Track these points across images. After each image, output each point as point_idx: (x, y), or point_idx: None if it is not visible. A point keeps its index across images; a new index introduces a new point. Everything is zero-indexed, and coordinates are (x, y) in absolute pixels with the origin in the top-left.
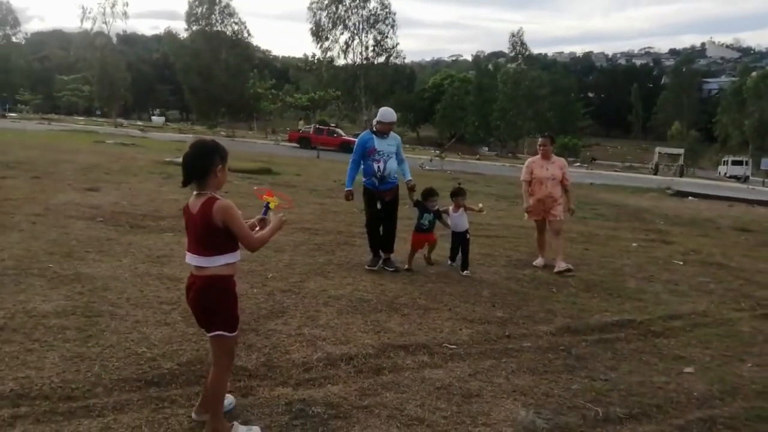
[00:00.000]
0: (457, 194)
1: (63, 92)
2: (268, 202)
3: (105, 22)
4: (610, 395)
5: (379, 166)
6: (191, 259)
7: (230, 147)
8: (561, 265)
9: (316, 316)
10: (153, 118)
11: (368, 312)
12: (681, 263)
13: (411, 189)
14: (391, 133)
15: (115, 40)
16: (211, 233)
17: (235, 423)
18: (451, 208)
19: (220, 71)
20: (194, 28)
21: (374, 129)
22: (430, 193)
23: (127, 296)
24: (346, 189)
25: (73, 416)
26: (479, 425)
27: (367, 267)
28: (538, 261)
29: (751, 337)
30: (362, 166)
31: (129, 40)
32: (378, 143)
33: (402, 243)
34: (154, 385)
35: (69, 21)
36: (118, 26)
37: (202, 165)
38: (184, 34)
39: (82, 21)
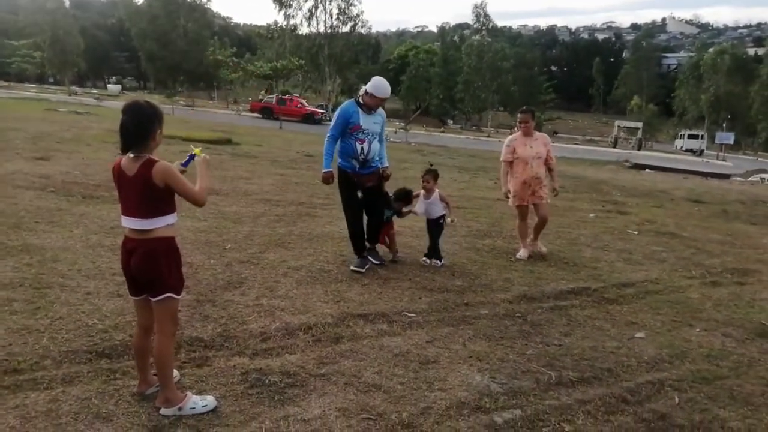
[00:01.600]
0: (429, 176)
1: (13, 59)
2: (193, 153)
3: None
4: (563, 360)
5: (362, 147)
6: (131, 223)
7: (190, 117)
8: (543, 248)
9: (275, 286)
10: (109, 86)
11: (328, 282)
12: (636, 233)
13: (386, 178)
14: (379, 108)
15: (67, 3)
16: (153, 195)
17: (189, 393)
18: (422, 192)
19: (177, 38)
20: None
21: (360, 101)
22: (402, 197)
23: (79, 267)
24: (324, 170)
25: (19, 389)
26: (435, 390)
27: (353, 268)
28: (522, 253)
29: (700, 304)
30: (339, 144)
31: (82, 4)
32: (363, 119)
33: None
34: (105, 357)
35: None
36: None
37: (143, 130)
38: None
39: None
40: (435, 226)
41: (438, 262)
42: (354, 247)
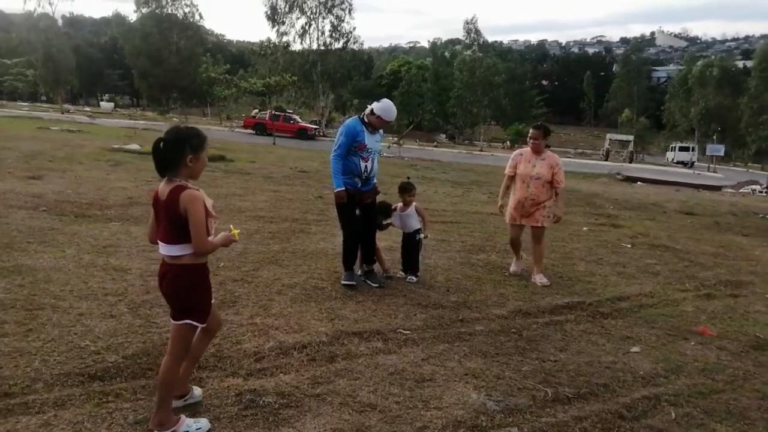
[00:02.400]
0: (405, 190)
1: (5, 77)
2: (231, 233)
3: (50, 3)
4: (559, 376)
5: (366, 166)
6: (162, 248)
7: None
8: (538, 279)
9: (269, 305)
10: (102, 103)
11: (323, 300)
12: (629, 246)
13: (376, 194)
14: (380, 130)
15: (60, 22)
16: (179, 222)
17: (182, 416)
18: (399, 205)
19: (170, 55)
20: (143, 10)
21: (366, 120)
22: (382, 210)
23: (71, 288)
24: (338, 189)
25: (10, 413)
26: (431, 409)
27: (345, 282)
28: (514, 268)
29: (694, 317)
30: (342, 162)
31: (75, 22)
32: (368, 138)
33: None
34: (97, 380)
35: (11, 2)
36: (63, 8)
37: (170, 155)
38: (133, 17)
39: (25, 2)
40: (412, 241)
41: (413, 278)
42: (345, 264)
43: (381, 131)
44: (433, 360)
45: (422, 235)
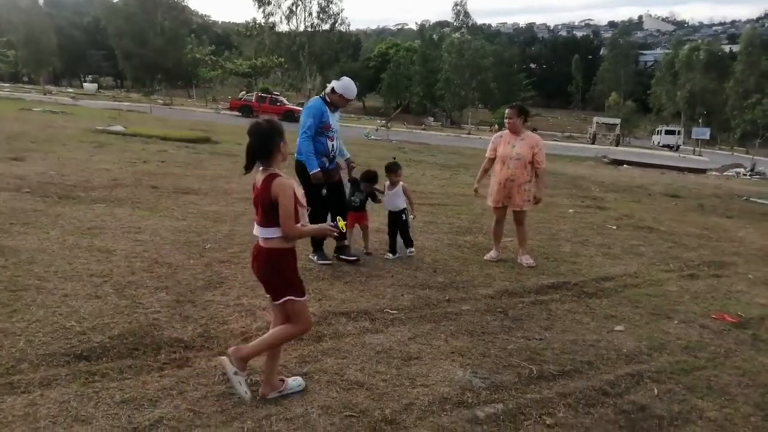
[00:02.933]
0: (391, 170)
1: None
2: (337, 224)
3: None
4: (544, 354)
5: (333, 145)
6: (257, 231)
7: (168, 115)
8: (524, 260)
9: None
10: (85, 84)
11: (310, 280)
12: (614, 228)
13: (352, 167)
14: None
15: (41, 2)
16: (270, 207)
17: (286, 379)
18: (386, 184)
19: (155, 36)
20: None
21: (327, 100)
22: (369, 178)
23: (55, 269)
24: (314, 171)
25: None
26: (418, 386)
27: (321, 262)
28: (491, 254)
29: (678, 296)
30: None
31: (57, 3)
32: (331, 118)
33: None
34: (83, 360)
35: None
36: None
37: (266, 148)
38: None
39: None
40: (398, 219)
41: (412, 250)
42: (315, 245)
43: (338, 113)
44: (419, 339)
45: (411, 216)
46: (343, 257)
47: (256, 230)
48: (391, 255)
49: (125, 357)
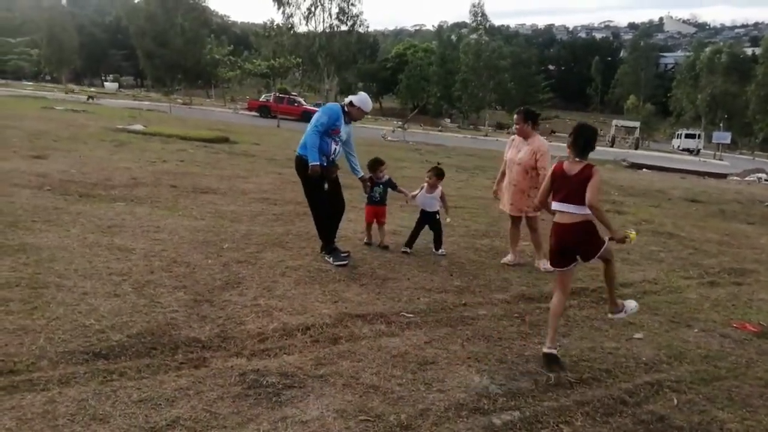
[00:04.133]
0: (440, 175)
1: (9, 56)
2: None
3: None
4: (561, 360)
5: (336, 149)
6: (569, 208)
7: (187, 115)
8: (541, 265)
9: (273, 286)
10: (106, 83)
11: (326, 282)
12: (634, 233)
13: (365, 182)
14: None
15: (64, 1)
16: (583, 190)
17: (622, 301)
18: (425, 186)
19: (175, 36)
20: None
21: (345, 110)
22: (376, 163)
23: (75, 267)
24: (314, 163)
25: (15, 390)
26: (434, 392)
27: (338, 264)
28: (508, 258)
29: (698, 304)
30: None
31: (80, 2)
32: (343, 127)
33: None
34: (102, 358)
35: None
36: None
37: (589, 144)
38: None
39: None
40: (430, 220)
41: (443, 251)
42: (327, 244)
43: (352, 126)
44: (435, 343)
45: (447, 219)
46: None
47: (569, 207)
48: (408, 249)
49: (143, 356)
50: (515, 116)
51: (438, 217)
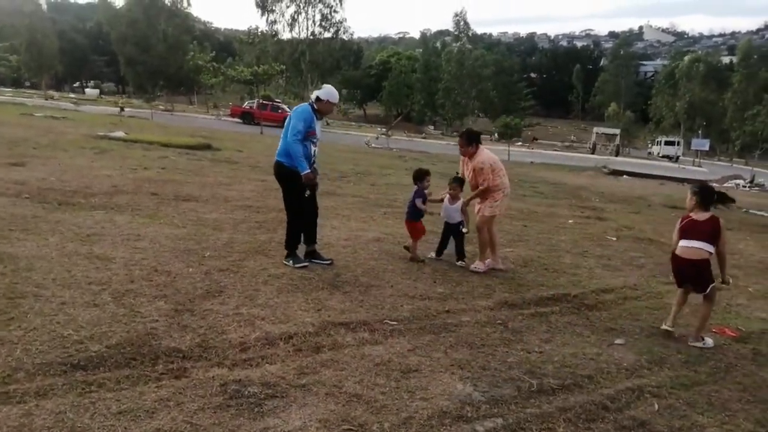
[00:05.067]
0: (462, 183)
1: None
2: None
3: None
4: (544, 367)
5: (315, 150)
6: (698, 244)
7: (169, 122)
8: (478, 267)
9: (255, 295)
10: (87, 90)
11: (309, 290)
12: (614, 239)
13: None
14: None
15: (44, 6)
16: (714, 236)
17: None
18: (447, 197)
19: (157, 42)
20: None
21: (314, 107)
22: (426, 174)
23: (54, 276)
24: (306, 171)
25: None
26: (417, 399)
27: (297, 266)
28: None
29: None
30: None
31: (60, 7)
32: (317, 125)
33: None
34: (80, 369)
35: None
36: None
37: (712, 199)
38: (119, 2)
39: None
40: (455, 232)
41: (462, 262)
42: (290, 249)
43: (322, 119)
44: (419, 351)
45: (465, 230)
46: (317, 261)
47: (695, 244)
48: (434, 256)
49: (122, 367)
50: (458, 140)
51: (461, 228)
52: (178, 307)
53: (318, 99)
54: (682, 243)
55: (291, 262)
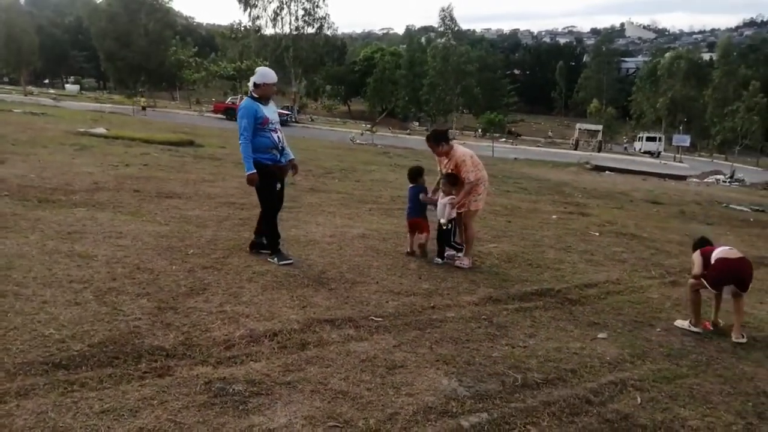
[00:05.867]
0: (452, 182)
1: None
2: None
3: None
4: (528, 362)
5: (278, 136)
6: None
7: (151, 118)
8: (463, 263)
9: (240, 292)
10: (67, 86)
11: (294, 287)
12: (597, 234)
13: (295, 170)
14: (270, 100)
15: (22, 1)
16: None
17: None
18: (441, 193)
19: (138, 37)
20: None
21: (255, 96)
22: (422, 172)
23: (34, 275)
24: (250, 172)
25: None
26: (402, 395)
27: (282, 263)
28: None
29: (659, 304)
30: (255, 141)
31: (38, 2)
32: (267, 111)
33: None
34: (62, 368)
35: None
36: None
37: None
38: None
39: None
40: (443, 229)
41: (439, 260)
42: (273, 246)
43: (273, 103)
44: (404, 347)
45: (444, 222)
46: (263, 251)
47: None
48: (440, 260)
49: (105, 366)
50: (427, 143)
51: (442, 222)
52: (161, 305)
53: (255, 85)
54: (724, 248)
55: (276, 259)
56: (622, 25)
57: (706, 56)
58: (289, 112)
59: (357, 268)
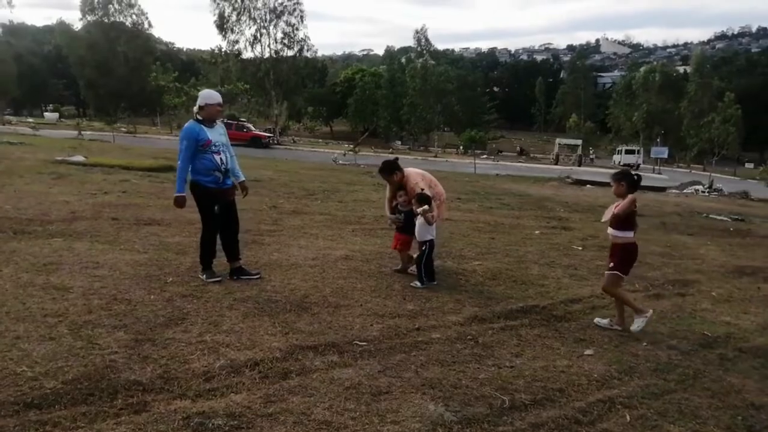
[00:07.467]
0: (424, 202)
1: None
2: None
3: None
4: (515, 382)
5: (221, 158)
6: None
7: (132, 144)
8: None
9: (220, 321)
10: (46, 114)
11: (276, 313)
12: (580, 248)
13: (245, 191)
14: (217, 123)
15: (0, 30)
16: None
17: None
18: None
19: (118, 65)
20: (90, 18)
21: (199, 118)
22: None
23: (7, 310)
24: (179, 194)
25: None
26: (388, 423)
27: (209, 281)
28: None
29: None
30: (197, 163)
31: (17, 31)
32: (210, 134)
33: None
34: (34, 408)
35: None
36: (3, 15)
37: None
38: (78, 25)
39: None
40: (423, 252)
41: (418, 283)
42: (204, 263)
43: (223, 127)
44: (389, 371)
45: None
46: (244, 277)
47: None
48: (434, 282)
49: (79, 403)
50: (381, 176)
51: (424, 248)
52: (138, 336)
53: (200, 107)
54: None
55: (204, 276)
56: (597, 41)
57: (681, 69)
58: (271, 135)
59: (340, 291)
